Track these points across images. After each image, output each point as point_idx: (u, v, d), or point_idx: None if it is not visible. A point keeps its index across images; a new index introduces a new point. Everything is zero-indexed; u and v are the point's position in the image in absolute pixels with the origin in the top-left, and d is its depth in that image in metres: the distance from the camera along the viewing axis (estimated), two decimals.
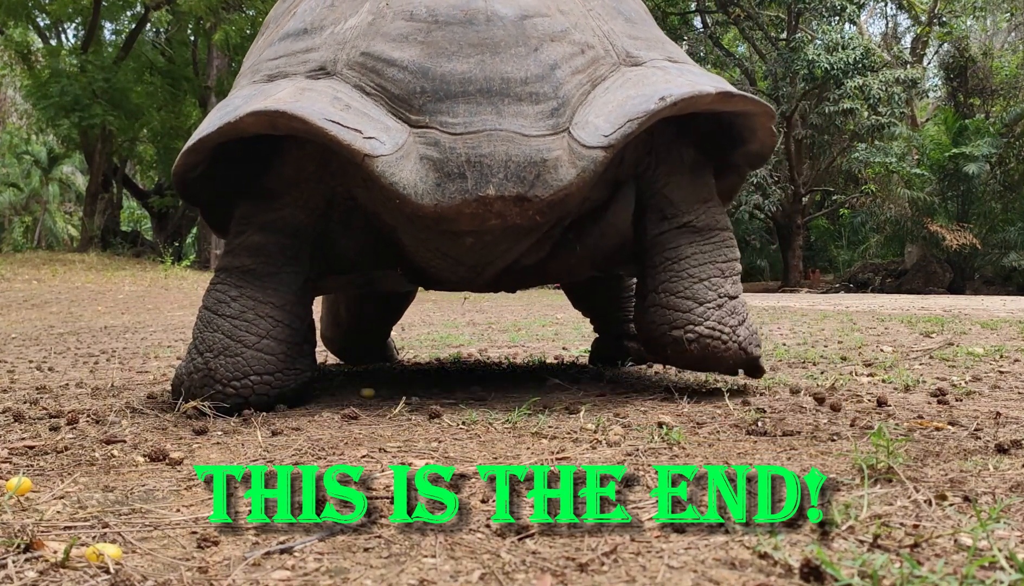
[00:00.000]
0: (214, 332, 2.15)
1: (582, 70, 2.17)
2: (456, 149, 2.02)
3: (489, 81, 2.06)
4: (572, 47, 2.17)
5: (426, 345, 4.94)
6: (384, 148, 1.99)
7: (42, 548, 1.03)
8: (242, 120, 2.03)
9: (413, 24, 2.13)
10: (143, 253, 21.82)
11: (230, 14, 18.66)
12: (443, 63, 2.07)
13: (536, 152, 2.03)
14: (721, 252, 2.38)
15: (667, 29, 28.11)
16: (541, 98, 2.08)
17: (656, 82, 2.19)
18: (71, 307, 9.78)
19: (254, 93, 2.19)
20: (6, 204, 34.22)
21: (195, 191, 2.47)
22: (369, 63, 2.13)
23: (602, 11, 2.36)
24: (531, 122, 2.05)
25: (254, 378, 2.15)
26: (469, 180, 2.01)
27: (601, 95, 2.16)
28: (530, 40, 2.11)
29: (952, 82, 26.52)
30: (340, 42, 2.20)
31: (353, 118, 2.03)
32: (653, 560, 1.00)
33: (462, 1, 2.13)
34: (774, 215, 26.77)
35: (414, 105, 2.06)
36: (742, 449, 1.66)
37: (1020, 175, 22.89)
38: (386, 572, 0.98)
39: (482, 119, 2.04)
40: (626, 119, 2.07)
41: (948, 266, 22.38)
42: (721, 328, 2.27)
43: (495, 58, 2.08)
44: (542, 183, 2.03)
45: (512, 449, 1.69)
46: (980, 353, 3.69)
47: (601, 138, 2.05)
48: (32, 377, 3.18)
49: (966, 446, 1.64)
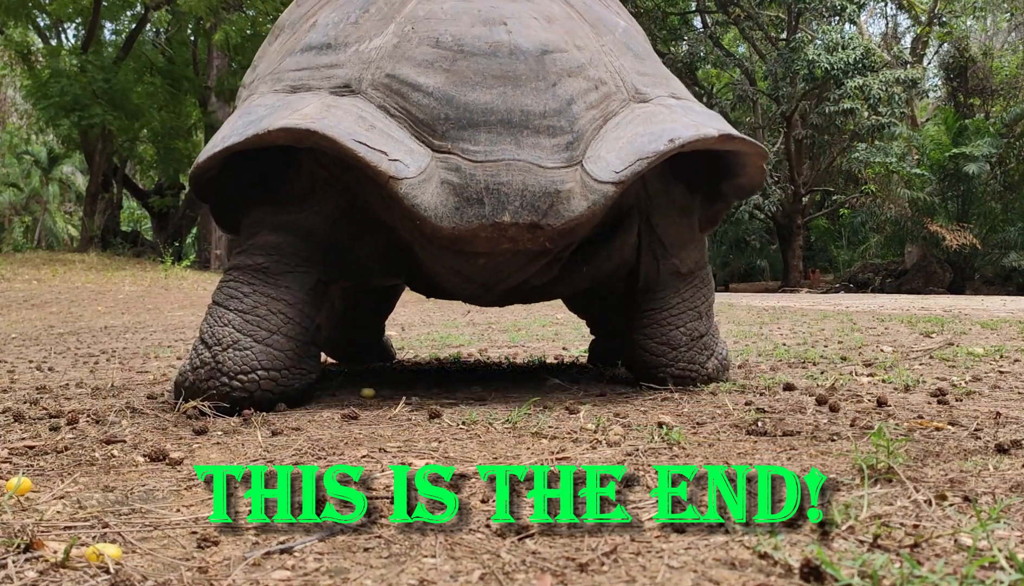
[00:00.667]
0: (224, 326, 2.17)
1: (596, 105, 2.25)
2: (476, 176, 2.10)
3: (510, 112, 2.14)
4: (587, 82, 2.25)
5: (426, 345, 4.94)
6: (408, 171, 2.06)
7: (42, 548, 1.03)
8: (270, 133, 2.08)
9: (439, 51, 2.19)
10: (143, 253, 21.82)
11: (230, 14, 18.66)
12: (467, 92, 2.14)
13: (551, 183, 2.12)
14: (700, 294, 2.65)
15: (667, 29, 28.14)
16: (558, 131, 2.16)
17: (664, 121, 2.27)
18: (71, 307, 9.78)
19: (278, 104, 2.24)
20: (6, 204, 34.22)
21: (208, 190, 2.50)
22: (394, 85, 2.19)
23: (614, 47, 2.43)
24: (547, 154, 2.14)
25: (261, 373, 2.16)
26: (487, 206, 2.10)
27: (612, 130, 2.24)
28: (549, 75, 2.19)
29: (952, 82, 26.52)
30: (365, 61, 2.26)
31: (378, 139, 2.09)
32: (653, 560, 1.00)
33: (486, 32, 2.20)
34: (774, 215, 26.78)
35: (437, 130, 2.13)
36: (742, 449, 1.66)
37: (1020, 175, 22.88)
38: (386, 572, 0.98)
39: (502, 149, 2.11)
40: (636, 157, 2.16)
41: (948, 266, 22.38)
42: (692, 366, 2.62)
43: (516, 90, 2.15)
44: (555, 213, 2.12)
45: (512, 449, 1.69)
46: (980, 353, 3.69)
47: (612, 174, 2.14)
48: (32, 377, 3.18)
49: (966, 446, 1.64)
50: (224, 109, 22.43)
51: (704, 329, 2.65)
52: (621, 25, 2.54)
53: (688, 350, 2.61)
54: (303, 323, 2.26)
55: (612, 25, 2.50)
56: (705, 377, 2.64)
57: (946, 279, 22.10)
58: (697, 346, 2.63)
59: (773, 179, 25.13)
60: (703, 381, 2.64)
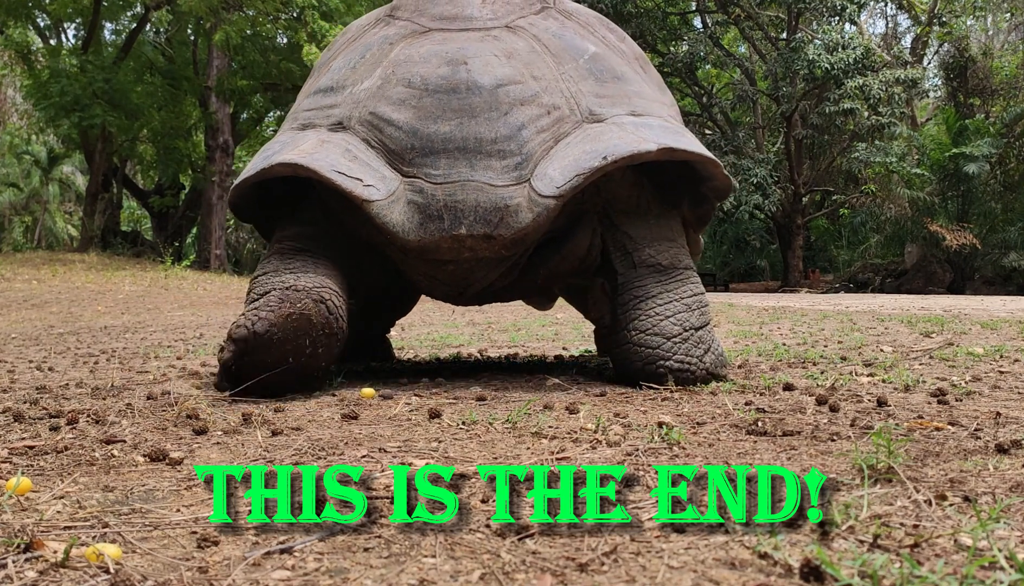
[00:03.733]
0: (271, 297, 2.39)
1: (547, 129, 2.56)
2: (436, 195, 2.46)
3: (465, 140, 2.48)
4: (539, 109, 2.56)
5: (426, 345, 4.94)
6: (379, 194, 2.45)
7: (42, 548, 1.03)
8: (273, 167, 2.55)
9: (410, 90, 2.57)
10: (143, 253, 21.83)
11: (230, 14, 18.65)
12: (430, 125, 2.51)
13: (500, 199, 2.45)
14: (686, 288, 2.69)
15: (667, 29, 28.13)
16: (507, 154, 2.49)
17: (608, 139, 2.53)
18: (71, 307, 9.78)
19: (287, 141, 2.71)
20: (6, 204, 34.19)
21: (245, 213, 3.07)
22: (375, 121, 2.58)
23: (575, 73, 2.71)
24: (497, 174, 2.47)
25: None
26: (446, 221, 2.45)
27: (562, 150, 2.53)
28: (502, 105, 2.52)
29: (952, 82, 26.51)
30: (355, 101, 2.66)
31: (358, 168, 2.48)
32: (653, 560, 1.00)
33: (449, 71, 2.56)
34: (774, 215, 26.78)
35: (406, 158, 2.51)
36: (742, 449, 1.66)
37: (1020, 175, 22.89)
38: (386, 572, 0.98)
39: (458, 171, 2.46)
40: (575, 173, 2.45)
41: (948, 266, 22.38)
42: (689, 359, 2.60)
43: (472, 121, 2.50)
44: (505, 224, 2.46)
45: (512, 449, 1.69)
46: (980, 353, 3.69)
47: (554, 189, 2.44)
48: (32, 377, 3.18)
49: (966, 446, 1.64)
50: (224, 109, 22.44)
51: (697, 322, 2.65)
52: (590, 51, 2.79)
53: (683, 342, 2.60)
54: (342, 287, 2.58)
55: (579, 52, 2.76)
56: (703, 371, 2.61)
57: (946, 279, 22.11)
58: (692, 339, 2.62)
59: (773, 179, 25.13)
60: (702, 377, 2.61)
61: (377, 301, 3.65)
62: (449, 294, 2.95)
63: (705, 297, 2.76)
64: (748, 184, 24.15)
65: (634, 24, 25.31)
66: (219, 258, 21.96)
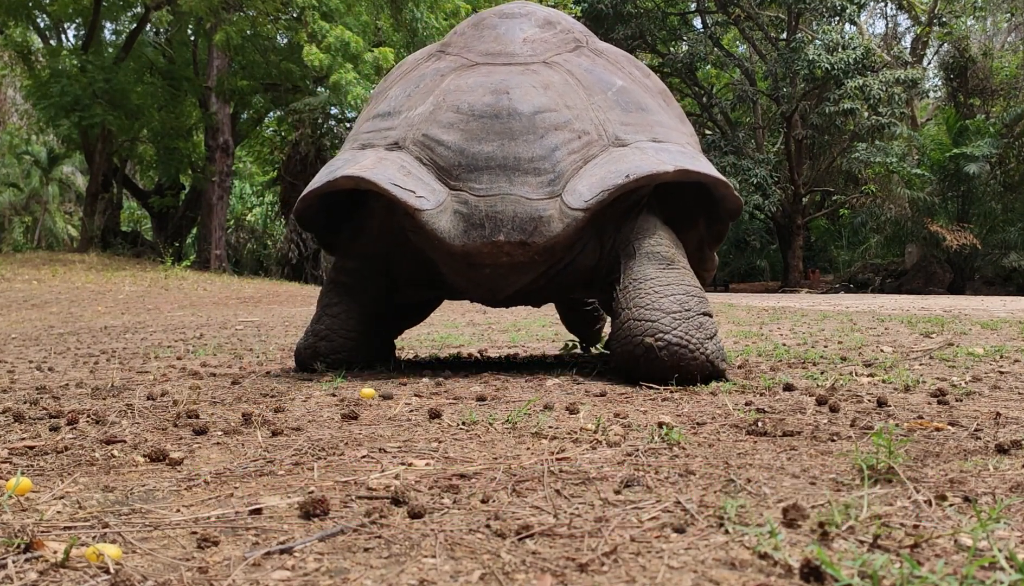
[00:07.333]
0: (320, 324, 3.19)
1: (577, 151, 2.87)
2: (479, 206, 2.78)
3: (506, 159, 2.81)
4: (571, 133, 2.88)
5: (426, 345, 4.94)
6: (429, 204, 2.79)
7: (42, 548, 1.03)
8: (337, 180, 2.94)
9: (458, 115, 2.91)
10: (143, 253, 21.82)
11: (230, 14, 18.64)
12: (475, 145, 2.84)
13: (535, 211, 2.77)
14: (686, 279, 2.82)
15: (667, 29, 28.13)
16: (542, 172, 2.81)
17: (631, 161, 2.84)
18: (71, 307, 9.78)
19: (349, 158, 3.08)
20: (6, 204, 34.18)
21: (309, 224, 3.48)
22: (427, 142, 2.92)
23: (603, 103, 3.03)
24: (533, 189, 2.79)
25: (342, 354, 3.18)
26: (487, 229, 2.77)
27: (590, 169, 2.85)
28: (538, 129, 2.85)
29: (952, 82, 26.52)
30: (409, 125, 3.02)
31: (411, 182, 2.83)
32: (653, 560, 1.00)
33: (493, 99, 2.89)
34: (774, 215, 26.78)
35: (453, 174, 2.85)
36: (742, 449, 1.66)
37: (1020, 175, 22.89)
38: (386, 572, 0.98)
39: (498, 186, 2.79)
40: (601, 189, 2.76)
41: (948, 266, 22.38)
42: (689, 338, 2.62)
43: (512, 142, 2.83)
44: (538, 233, 2.77)
45: (512, 449, 1.69)
46: (980, 353, 3.69)
47: (583, 202, 2.76)
48: (32, 377, 3.18)
49: (966, 446, 1.64)
50: (224, 109, 22.44)
51: (697, 307, 2.69)
52: (617, 84, 3.12)
53: (684, 320, 2.63)
54: (368, 320, 3.24)
55: (607, 85, 3.10)
56: (703, 357, 2.59)
57: (946, 279, 22.10)
58: (694, 321, 2.64)
59: (773, 179, 25.13)
60: (701, 362, 2.59)
61: (405, 313, 3.91)
62: (484, 297, 3.25)
63: (705, 293, 2.84)
64: (748, 184, 24.15)
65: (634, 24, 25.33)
66: (219, 258, 21.94)
